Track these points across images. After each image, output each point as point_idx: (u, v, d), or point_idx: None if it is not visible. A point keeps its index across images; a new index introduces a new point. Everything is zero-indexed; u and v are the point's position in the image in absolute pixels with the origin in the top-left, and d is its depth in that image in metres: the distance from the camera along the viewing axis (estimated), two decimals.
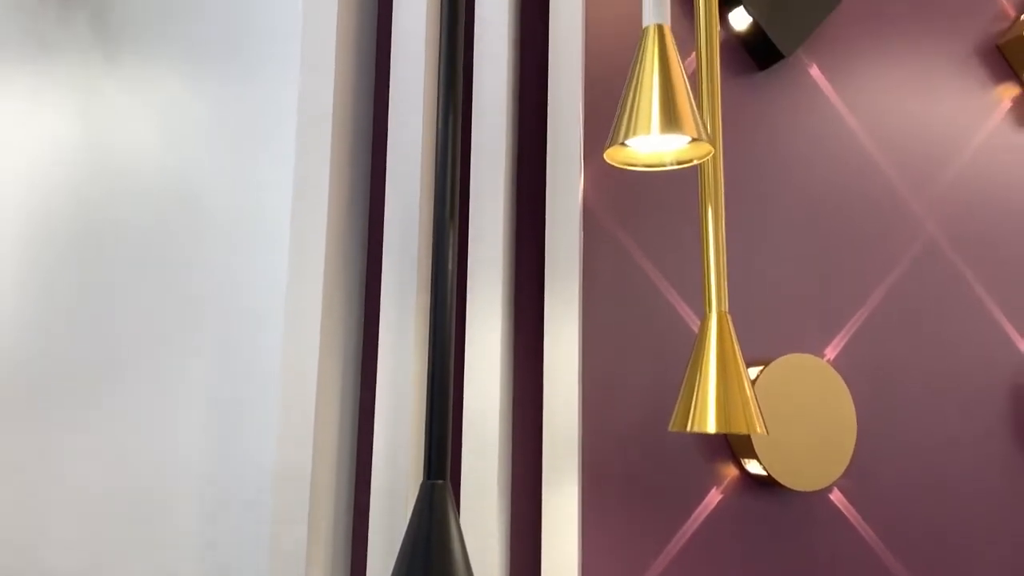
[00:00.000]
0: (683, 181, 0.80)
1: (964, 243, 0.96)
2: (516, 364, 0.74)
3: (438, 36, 0.78)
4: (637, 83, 0.59)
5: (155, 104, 0.89)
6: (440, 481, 0.63)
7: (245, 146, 0.85)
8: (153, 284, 0.87)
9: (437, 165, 0.74)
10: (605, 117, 0.77)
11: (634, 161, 0.64)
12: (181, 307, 0.86)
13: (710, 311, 0.66)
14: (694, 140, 0.62)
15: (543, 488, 0.70)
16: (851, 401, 0.84)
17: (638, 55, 0.60)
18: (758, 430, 0.64)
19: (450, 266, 0.69)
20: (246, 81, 0.87)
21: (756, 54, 0.87)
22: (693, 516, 0.78)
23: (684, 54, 0.82)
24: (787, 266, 0.86)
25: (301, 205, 0.76)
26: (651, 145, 0.64)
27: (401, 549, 0.62)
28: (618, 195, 0.78)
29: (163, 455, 0.84)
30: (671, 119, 0.58)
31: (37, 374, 0.92)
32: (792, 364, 0.82)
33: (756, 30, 0.85)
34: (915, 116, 0.96)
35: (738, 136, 0.85)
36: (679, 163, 0.64)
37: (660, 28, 0.60)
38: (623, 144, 0.62)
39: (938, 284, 0.94)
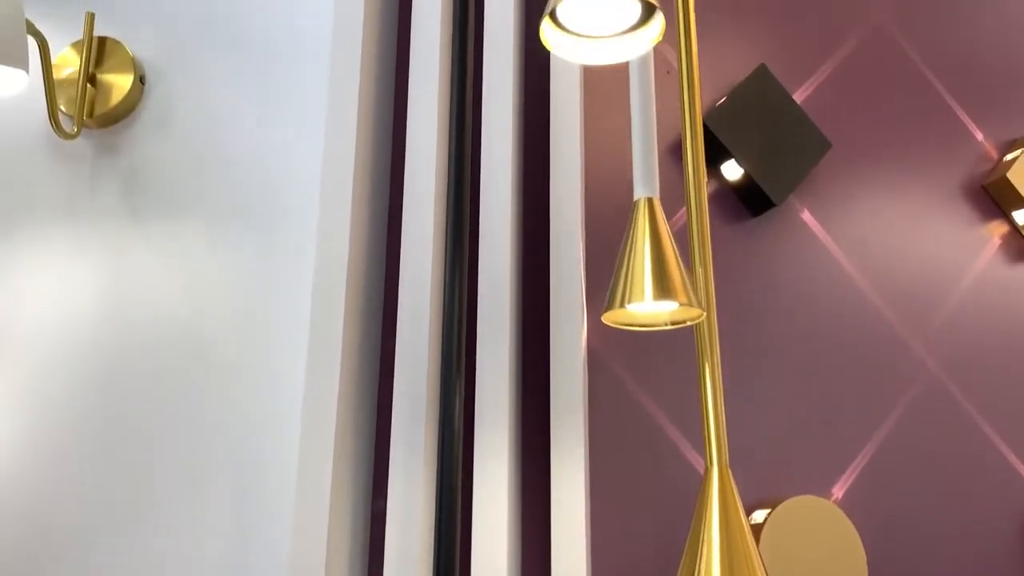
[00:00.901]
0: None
1: (965, 378, 0.97)
2: (523, 515, 0.75)
3: (446, 194, 0.82)
4: (630, 253, 0.63)
5: (179, 263, 0.94)
6: None
7: (263, 301, 0.90)
8: (165, 442, 0.90)
9: (444, 322, 0.77)
10: (606, 263, 0.80)
11: (631, 321, 0.67)
12: (190, 462, 0.89)
13: (712, 466, 0.67)
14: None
15: None
16: (860, 542, 0.84)
17: (631, 226, 0.64)
18: None
19: (456, 421, 0.72)
20: (266, 239, 0.92)
21: (748, 202, 0.91)
22: None
23: (677, 206, 0.86)
24: (790, 407, 0.88)
25: (315, 356, 0.79)
26: (646, 306, 0.67)
27: None
28: (622, 338, 0.81)
29: None
30: (663, 288, 0.61)
31: (53, 518, 0.94)
32: (799, 506, 0.83)
33: (748, 180, 0.90)
34: (908, 256, 0.99)
35: (734, 281, 0.88)
36: (673, 323, 0.67)
37: (650, 201, 0.64)
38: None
39: (942, 419, 0.95)
